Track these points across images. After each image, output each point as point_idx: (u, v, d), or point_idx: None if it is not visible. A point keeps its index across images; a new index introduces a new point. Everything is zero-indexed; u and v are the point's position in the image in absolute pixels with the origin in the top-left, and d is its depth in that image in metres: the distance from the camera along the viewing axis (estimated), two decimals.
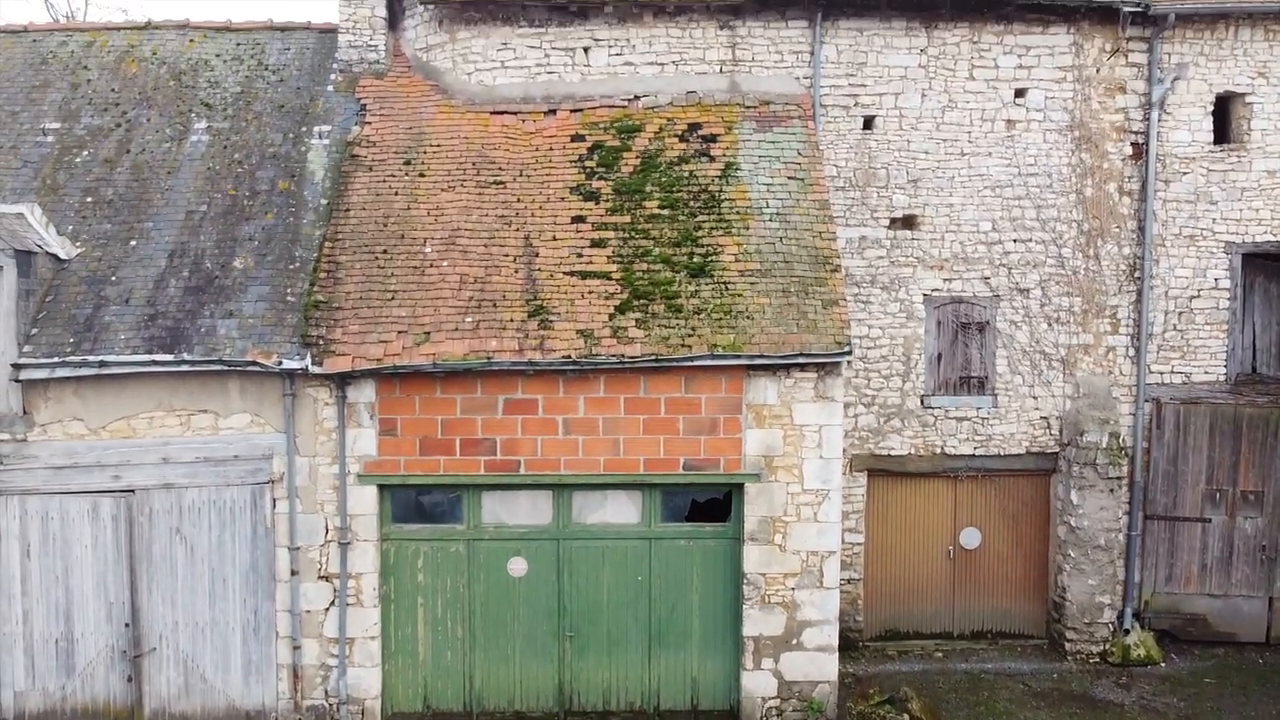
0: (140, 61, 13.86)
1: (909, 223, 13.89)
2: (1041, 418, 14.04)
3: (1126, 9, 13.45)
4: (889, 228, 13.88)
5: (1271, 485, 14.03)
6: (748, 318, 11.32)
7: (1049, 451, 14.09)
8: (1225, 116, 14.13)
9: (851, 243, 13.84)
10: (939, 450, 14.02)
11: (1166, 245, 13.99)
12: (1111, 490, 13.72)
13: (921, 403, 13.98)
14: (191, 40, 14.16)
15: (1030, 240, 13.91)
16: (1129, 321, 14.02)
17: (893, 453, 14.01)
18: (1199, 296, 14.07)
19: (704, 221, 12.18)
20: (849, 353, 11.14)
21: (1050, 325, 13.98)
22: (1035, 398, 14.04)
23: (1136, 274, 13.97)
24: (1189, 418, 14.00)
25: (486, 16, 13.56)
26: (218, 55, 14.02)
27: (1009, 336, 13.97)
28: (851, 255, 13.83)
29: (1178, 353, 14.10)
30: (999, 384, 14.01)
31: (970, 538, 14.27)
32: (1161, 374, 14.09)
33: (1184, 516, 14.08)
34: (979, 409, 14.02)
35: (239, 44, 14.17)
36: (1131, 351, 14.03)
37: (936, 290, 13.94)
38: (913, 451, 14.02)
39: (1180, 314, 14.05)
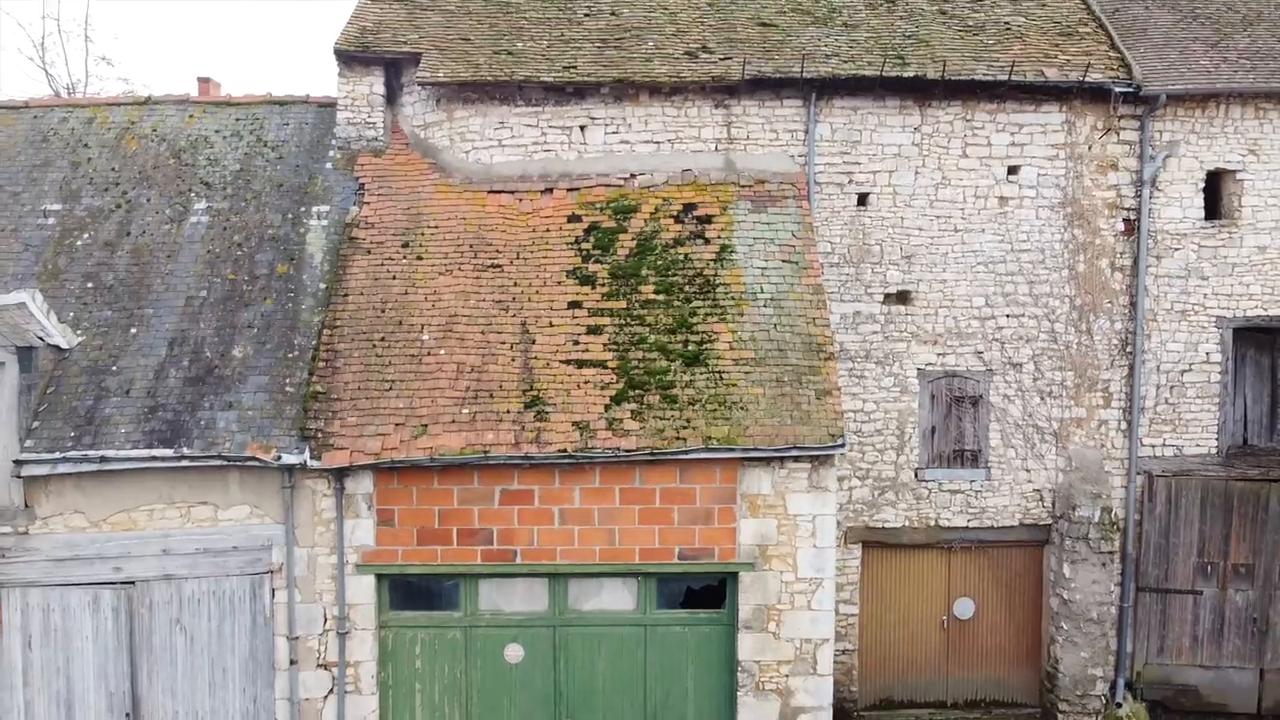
0: (140, 139, 13.97)
1: (903, 298, 14.01)
2: (1034, 490, 14.16)
3: (1118, 89, 13.58)
4: (883, 303, 14.00)
5: (1262, 558, 14.15)
6: (742, 408, 11.44)
7: (1042, 523, 14.21)
8: (1217, 192, 14.26)
9: (846, 318, 13.96)
10: (933, 523, 14.14)
11: (1158, 320, 14.11)
12: (1104, 564, 13.84)
13: (915, 475, 14.10)
14: (191, 116, 14.27)
15: (1023, 315, 14.03)
16: (1121, 395, 14.14)
17: (887, 525, 14.13)
18: (1190, 370, 14.19)
19: (699, 307, 12.29)
20: (842, 445, 11.25)
21: (1043, 399, 14.10)
22: (1028, 470, 14.15)
23: (1128, 348, 14.09)
24: (1180, 491, 14.12)
25: (484, 95, 13.68)
26: (217, 131, 14.14)
27: (1002, 410, 14.09)
28: (846, 330, 13.95)
29: (1169, 426, 14.22)
30: (992, 457, 14.13)
31: (964, 608, 14.39)
32: (1153, 447, 14.21)
33: (1176, 589, 14.20)
34: (972, 482, 14.14)
35: (238, 119, 14.29)
36: (1124, 425, 14.16)
37: (930, 365, 14.06)
38: (907, 524, 14.14)
39: (1172, 387, 14.17)
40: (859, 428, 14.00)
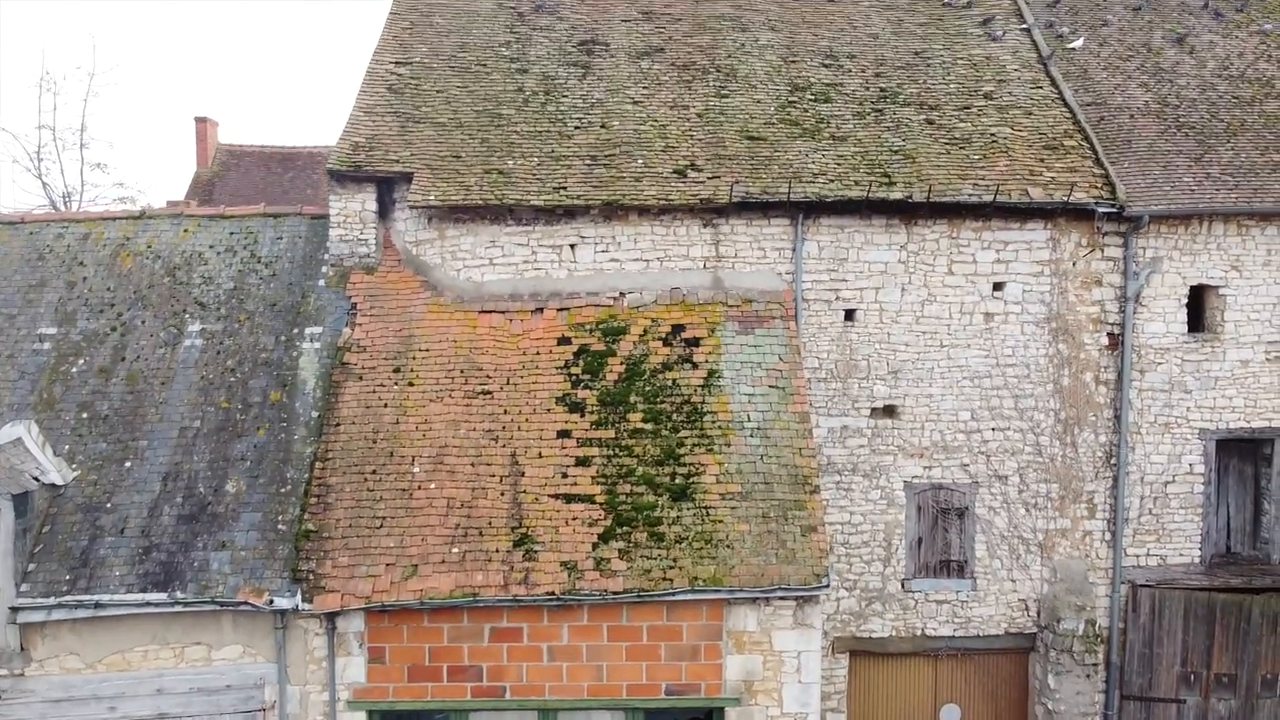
0: (135, 255, 14.12)
1: (890, 412, 14.17)
2: (1020, 600, 14.32)
3: (1102, 210, 13.74)
4: (870, 417, 14.16)
5: (1244, 668, 14.30)
6: (728, 546, 11.59)
7: (1027, 632, 14.37)
8: (1200, 306, 14.42)
9: (834, 432, 14.12)
10: (919, 632, 14.31)
11: (1142, 432, 14.28)
12: (1088, 675, 14.00)
13: (902, 586, 14.26)
14: (186, 230, 14.42)
15: (1008, 429, 14.19)
16: (1105, 506, 14.31)
17: (874, 635, 14.29)
18: (1174, 481, 14.35)
19: (686, 437, 12.45)
20: (826, 585, 11.41)
21: (1028, 511, 14.26)
22: (1014, 581, 14.32)
23: (1113, 460, 14.25)
24: (1164, 602, 14.28)
25: (475, 215, 13.83)
26: (211, 246, 14.29)
27: (988, 522, 14.25)
28: (834, 444, 14.11)
29: (1153, 535, 14.39)
30: (978, 568, 14.30)
31: (950, 715, 14.57)
32: (1137, 557, 14.38)
33: (1160, 697, 14.36)
34: (958, 592, 14.30)
35: (232, 233, 14.44)
36: (1108, 535, 14.32)
37: (917, 477, 14.22)
38: (894, 633, 14.30)
39: (1155, 498, 14.34)
40: (846, 539, 14.17)
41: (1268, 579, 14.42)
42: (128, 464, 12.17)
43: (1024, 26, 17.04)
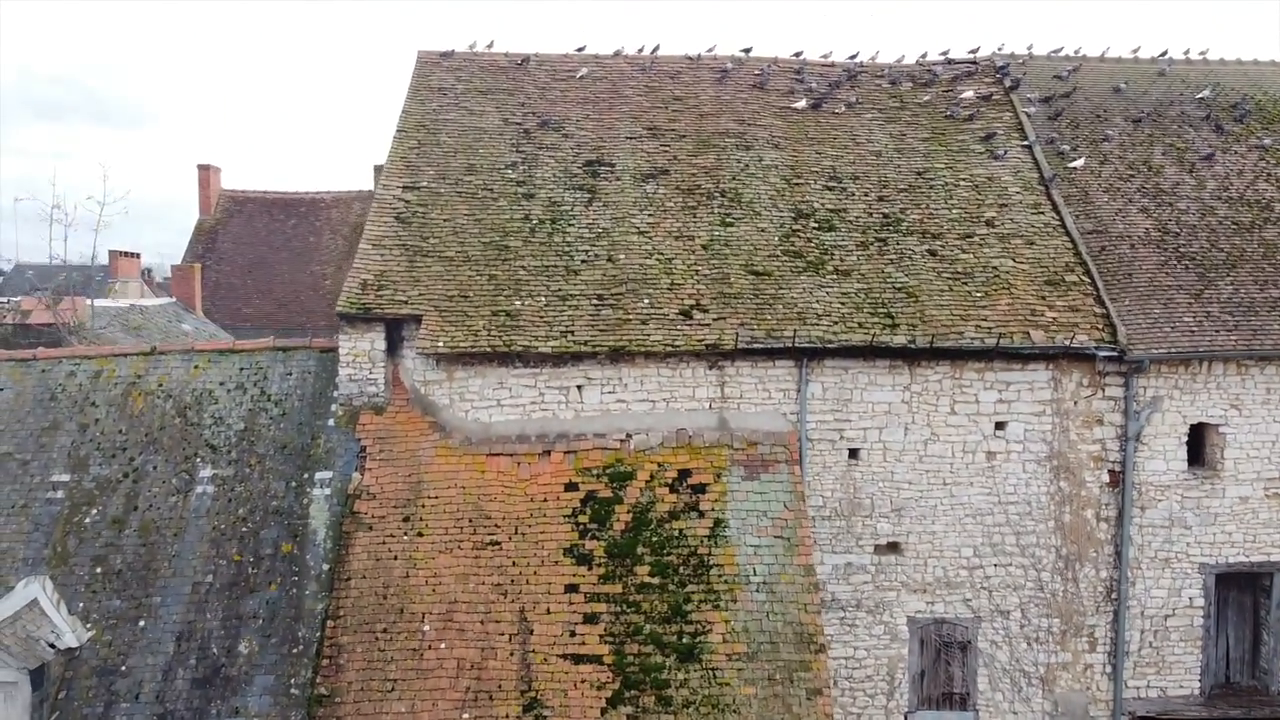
0: (146, 395, 14.26)
1: (893, 549, 14.34)
2: None
3: (1102, 354, 13.89)
4: (874, 553, 14.33)
5: None
6: (734, 711, 11.74)
7: None
8: (1200, 443, 14.57)
9: (838, 569, 14.28)
10: None
11: (1142, 568, 14.45)
12: None
13: (905, 719, 14.42)
14: (196, 366, 14.55)
15: (1010, 565, 14.36)
16: (1106, 640, 14.47)
17: None
18: (1174, 615, 14.52)
19: (693, 592, 12.60)
20: None
21: (1030, 645, 14.42)
22: (1015, 714, 14.48)
23: (1113, 595, 14.42)
24: None
25: (483, 359, 13.96)
26: (221, 384, 14.42)
27: (990, 655, 14.42)
28: (838, 581, 14.28)
29: (1153, 668, 14.56)
30: (980, 701, 14.46)
31: None
32: (1138, 689, 14.55)
33: None
34: None
35: (242, 369, 14.57)
36: (1109, 668, 14.49)
37: (920, 612, 14.38)
38: None
39: (1156, 632, 14.51)
40: (850, 674, 14.33)
41: (1266, 710, 14.58)
42: (141, 623, 12.31)
43: (1026, 143, 17.21)
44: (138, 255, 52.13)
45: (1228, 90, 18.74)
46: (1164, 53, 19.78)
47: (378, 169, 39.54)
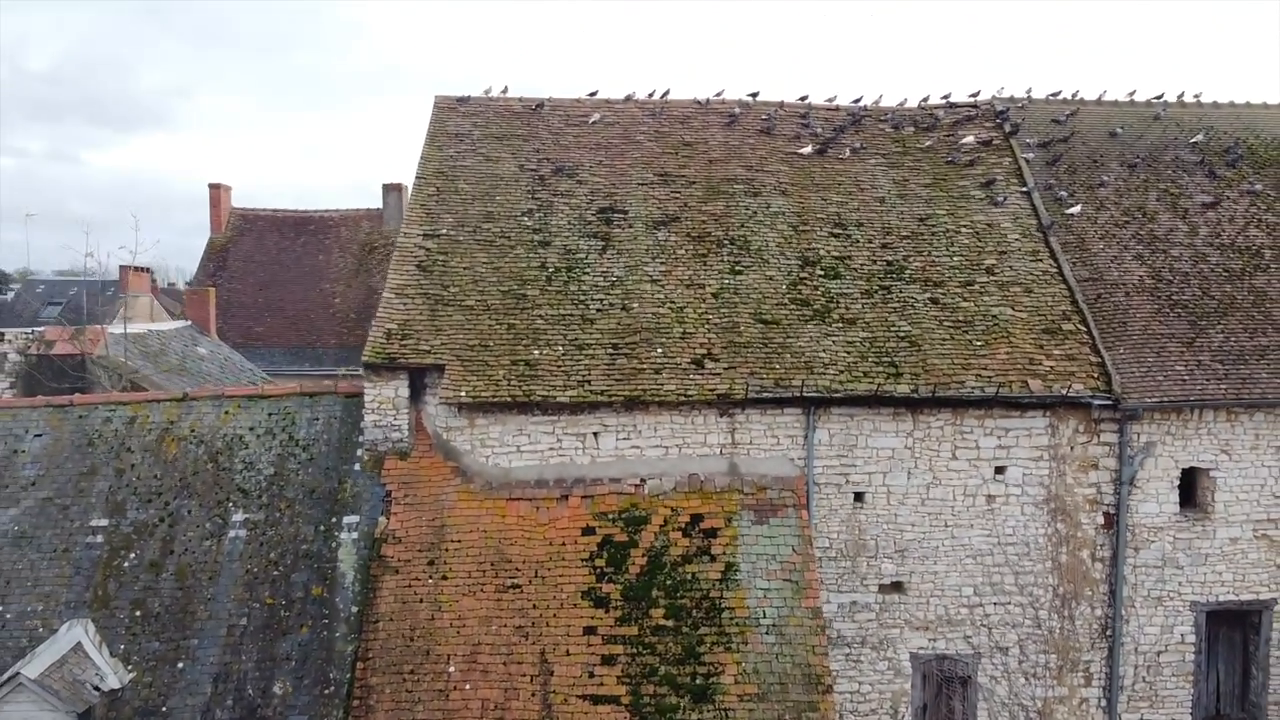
0: (180, 441, 14.85)
1: (897, 588, 14.93)
2: None
3: (1098, 403, 14.49)
4: (878, 592, 14.92)
5: None
6: None
7: None
8: (1191, 487, 15.17)
9: (844, 607, 14.87)
10: None
11: (1136, 606, 15.04)
12: None
13: None
14: (227, 412, 15.14)
15: (1009, 603, 14.95)
16: (1101, 675, 15.07)
17: None
18: (1166, 651, 15.12)
19: (706, 635, 13.19)
20: None
21: (1028, 680, 15.02)
22: None
23: (1108, 632, 15.01)
24: None
25: (503, 406, 14.54)
26: (251, 429, 15.02)
27: (989, 690, 15.01)
28: (843, 619, 14.87)
29: (1146, 702, 15.16)
30: None
31: None
32: None
33: None
34: None
35: (270, 414, 15.15)
36: (1104, 703, 15.08)
37: (922, 649, 14.98)
38: None
39: (1149, 667, 15.10)
40: (855, 708, 14.92)
41: None
42: (180, 664, 12.91)
43: (1025, 189, 17.79)
44: (148, 270, 52.78)
45: (1220, 134, 19.32)
46: (1160, 96, 20.36)
47: (386, 187, 40.39)
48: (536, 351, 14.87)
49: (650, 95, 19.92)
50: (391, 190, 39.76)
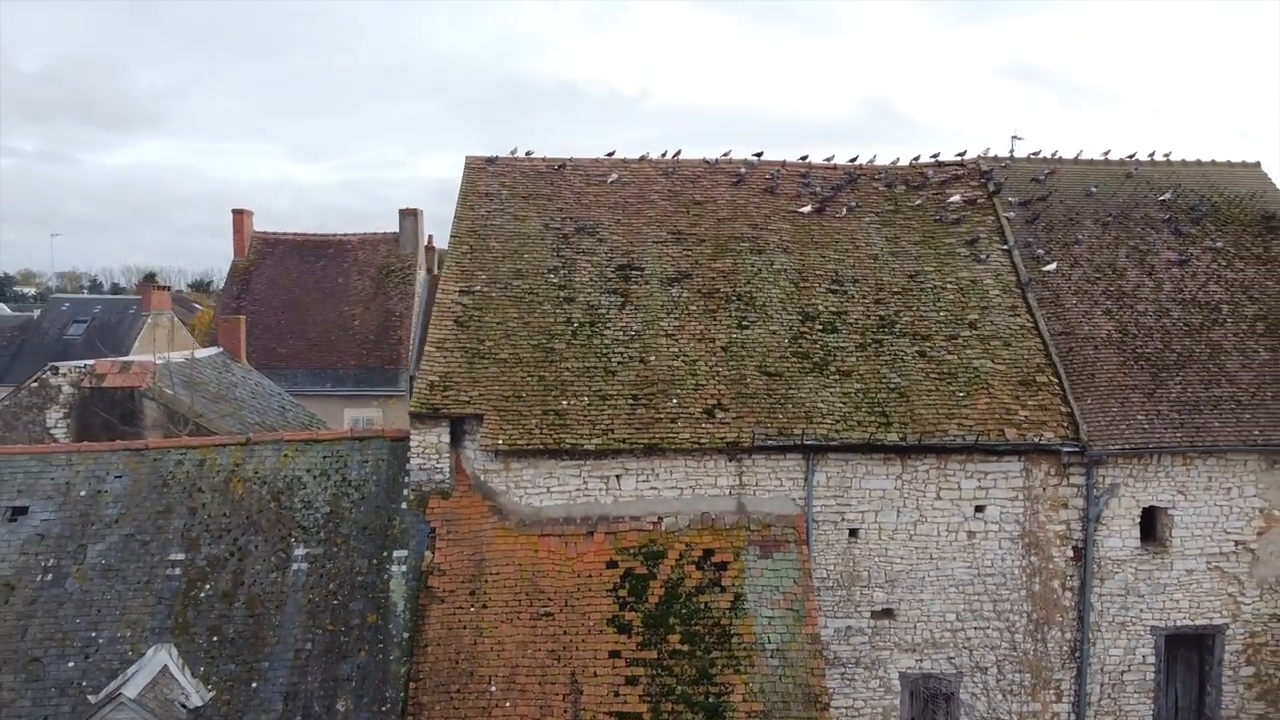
0: (245, 481, 16.57)
1: (887, 614, 16.66)
2: None
3: (1066, 450, 16.22)
4: (870, 618, 16.65)
5: None
6: None
7: None
8: (1151, 524, 16.91)
9: (839, 631, 16.61)
10: None
11: (1102, 630, 16.78)
12: None
13: None
14: (285, 455, 16.86)
15: (988, 628, 16.68)
16: (1071, 693, 16.80)
17: None
18: (1129, 671, 16.86)
19: (717, 658, 14.91)
20: None
21: (1005, 696, 16.74)
22: None
23: (1077, 654, 16.74)
24: None
25: (535, 452, 16.26)
26: (308, 470, 16.73)
27: (970, 705, 16.74)
28: (839, 642, 16.61)
29: (1112, 716, 16.90)
30: None
31: None
32: None
33: None
34: None
35: (325, 457, 16.87)
36: (1073, 717, 16.82)
37: (910, 669, 16.71)
38: None
39: (1114, 685, 16.83)
40: None
41: None
42: (254, 684, 14.62)
43: (1006, 248, 19.53)
44: (168, 287, 54.58)
45: (1187, 192, 21.06)
46: (1132, 155, 22.12)
47: (403, 212, 42.07)
48: (565, 402, 16.59)
49: (663, 155, 21.65)
50: (408, 215, 41.45)
